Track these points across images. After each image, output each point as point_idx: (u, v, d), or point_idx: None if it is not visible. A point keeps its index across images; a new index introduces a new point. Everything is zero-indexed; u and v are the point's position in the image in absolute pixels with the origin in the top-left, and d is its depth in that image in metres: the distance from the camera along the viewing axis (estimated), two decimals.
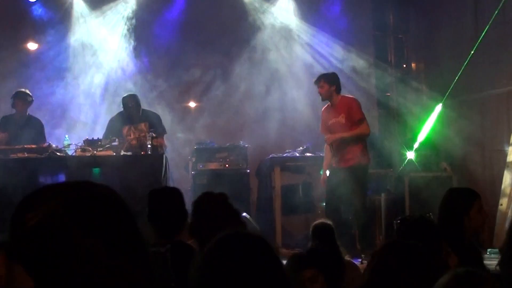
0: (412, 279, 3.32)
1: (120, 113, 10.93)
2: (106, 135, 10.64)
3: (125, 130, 10.67)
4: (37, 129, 10.78)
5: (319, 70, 11.68)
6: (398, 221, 5.22)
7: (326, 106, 9.99)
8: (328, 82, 9.78)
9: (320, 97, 9.90)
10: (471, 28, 11.65)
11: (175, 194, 5.12)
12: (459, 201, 5.33)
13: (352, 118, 9.72)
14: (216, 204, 4.79)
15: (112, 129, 10.74)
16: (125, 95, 10.91)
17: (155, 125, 10.66)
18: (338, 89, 9.89)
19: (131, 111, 10.73)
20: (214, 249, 2.40)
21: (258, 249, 2.38)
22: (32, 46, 12.86)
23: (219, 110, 12.84)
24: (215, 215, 4.67)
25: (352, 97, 10.06)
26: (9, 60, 12.27)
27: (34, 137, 10.43)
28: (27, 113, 10.86)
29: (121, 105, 10.85)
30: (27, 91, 10.84)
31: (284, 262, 3.22)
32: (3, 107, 11.24)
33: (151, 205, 5.00)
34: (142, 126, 10.67)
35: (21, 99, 10.72)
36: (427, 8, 13.12)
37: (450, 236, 4.88)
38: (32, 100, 10.84)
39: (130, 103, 10.72)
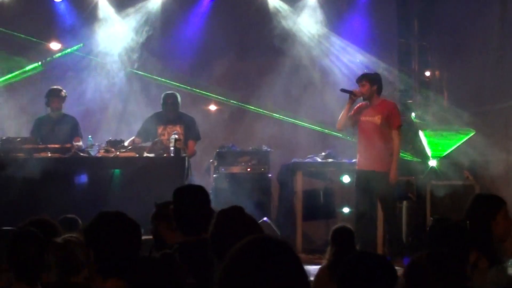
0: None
1: (156, 113, 10.98)
2: (139, 132, 10.70)
3: (160, 129, 10.71)
4: (73, 127, 10.85)
5: (341, 76, 11.69)
6: (432, 219, 5.22)
7: (362, 103, 9.94)
8: (370, 81, 9.77)
9: (359, 96, 9.84)
10: (497, 36, 11.59)
11: (201, 192, 5.11)
12: (486, 206, 5.30)
13: (390, 122, 9.71)
14: (232, 222, 4.76)
15: (146, 127, 10.79)
16: (167, 92, 10.95)
17: (190, 129, 10.70)
18: (379, 90, 9.89)
19: (168, 108, 10.76)
20: (238, 252, 2.40)
21: (282, 254, 2.38)
22: (55, 46, 12.93)
23: (241, 113, 12.85)
24: (233, 233, 4.64)
25: (393, 102, 10.07)
26: (34, 60, 12.36)
27: (70, 135, 10.49)
28: (62, 111, 10.92)
29: (148, 107, 10.91)
30: (60, 88, 10.93)
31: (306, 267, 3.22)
32: (31, 108, 11.33)
33: (176, 203, 4.99)
34: (178, 128, 10.69)
35: (56, 96, 10.81)
36: (452, 16, 13.05)
37: (479, 241, 4.88)
38: (66, 96, 10.93)
39: (169, 100, 10.80)
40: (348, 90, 9.76)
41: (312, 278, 4.68)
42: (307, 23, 13.08)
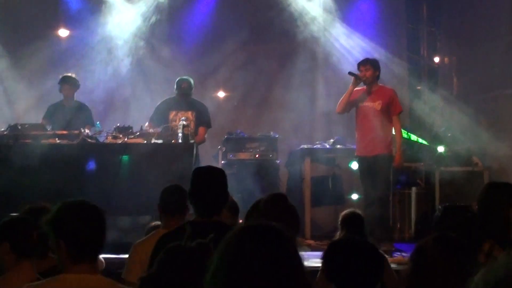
0: (455, 273, 3.32)
1: (169, 98, 10.97)
2: (151, 118, 10.69)
3: (171, 115, 10.68)
4: (85, 115, 10.83)
5: (351, 62, 11.64)
6: (440, 208, 5.20)
7: (360, 88, 9.91)
8: (374, 66, 9.77)
9: (361, 81, 9.80)
10: (507, 22, 11.54)
11: (220, 174, 5.09)
12: (502, 194, 5.26)
13: (391, 108, 9.71)
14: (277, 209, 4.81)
15: (159, 112, 10.77)
16: (181, 77, 10.93)
17: (202, 115, 10.69)
18: (379, 76, 9.89)
19: (182, 92, 10.73)
20: (229, 240, 2.45)
21: (273, 240, 2.39)
22: (63, 32, 12.93)
23: (249, 99, 12.85)
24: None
25: (392, 89, 10.05)
26: (42, 47, 12.37)
27: (82, 123, 10.42)
28: (74, 99, 10.92)
29: (155, 93, 10.88)
30: (73, 75, 10.93)
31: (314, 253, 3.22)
32: (45, 97, 11.36)
33: (194, 184, 4.96)
34: (189, 114, 10.66)
35: (67, 83, 10.80)
36: (461, 1, 13.01)
37: (494, 229, 4.85)
38: (79, 85, 10.93)
39: (183, 84, 10.76)
40: (355, 74, 9.73)
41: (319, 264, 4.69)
42: (316, 8, 13.02)
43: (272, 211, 4.79)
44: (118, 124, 10.21)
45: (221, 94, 13.30)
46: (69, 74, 10.92)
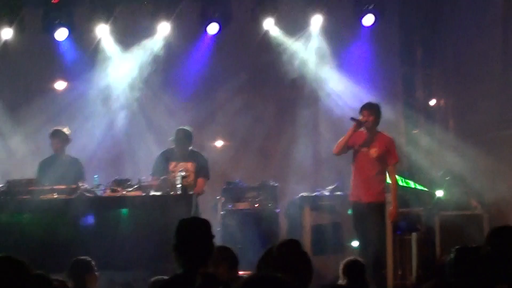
0: None
1: (168, 149, 10.88)
2: (154, 171, 10.60)
3: (171, 166, 10.60)
4: (76, 170, 10.71)
5: (346, 106, 11.69)
6: (453, 250, 5.19)
7: (359, 132, 9.85)
8: (376, 112, 9.79)
9: (362, 125, 9.78)
10: (500, 62, 11.59)
11: (203, 224, 5.10)
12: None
13: (387, 158, 9.75)
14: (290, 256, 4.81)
15: (159, 164, 10.70)
16: (179, 127, 10.88)
17: (201, 166, 10.63)
18: (379, 122, 9.90)
19: (179, 143, 10.68)
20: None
21: None
22: (60, 85, 12.99)
23: (248, 147, 12.85)
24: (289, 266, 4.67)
25: (391, 137, 10.04)
26: (39, 100, 12.43)
27: (74, 178, 10.32)
28: (65, 153, 10.83)
29: (153, 144, 10.88)
30: (64, 129, 10.79)
31: None
32: (37, 150, 11.35)
33: (177, 236, 4.97)
34: (189, 165, 10.58)
35: (57, 137, 10.72)
36: (455, 44, 13.06)
37: (508, 272, 4.83)
38: (70, 139, 10.81)
39: (179, 134, 10.69)
40: (357, 120, 9.73)
41: None
42: (311, 53, 13.06)
43: (285, 258, 4.78)
44: (116, 177, 10.22)
45: (219, 143, 13.31)
46: (60, 128, 10.80)
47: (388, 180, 9.90)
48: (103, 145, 12.66)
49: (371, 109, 9.80)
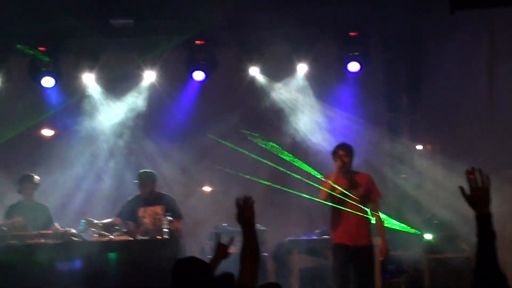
0: None
1: (136, 196, 10.85)
2: (120, 213, 10.58)
3: (140, 212, 10.59)
4: (46, 215, 10.72)
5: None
6: None
7: (335, 174, 9.77)
8: (351, 152, 9.74)
9: (338, 166, 9.68)
10: (486, 106, 11.65)
11: (202, 266, 5.04)
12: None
13: (370, 195, 9.65)
14: None
15: (128, 208, 10.66)
16: (140, 170, 10.88)
17: (172, 209, 10.59)
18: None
19: (142, 185, 10.66)
20: None
21: None
22: (47, 132, 12.97)
23: (234, 192, 12.80)
24: None
25: (369, 174, 9.97)
26: (25, 147, 12.39)
27: (43, 223, 10.40)
28: (33, 199, 10.83)
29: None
30: (34, 175, 10.85)
31: None
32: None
33: (173, 276, 4.90)
34: (158, 209, 10.55)
35: (28, 182, 10.74)
36: (440, 89, 13.12)
37: None
38: (39, 184, 10.83)
39: (142, 176, 10.71)
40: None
41: None
42: (296, 99, 13.11)
43: None
44: (103, 221, 10.20)
45: (206, 188, 13.28)
46: (28, 174, 10.87)
47: (373, 221, 9.78)
48: (87, 190, 12.62)
49: (347, 149, 9.76)
